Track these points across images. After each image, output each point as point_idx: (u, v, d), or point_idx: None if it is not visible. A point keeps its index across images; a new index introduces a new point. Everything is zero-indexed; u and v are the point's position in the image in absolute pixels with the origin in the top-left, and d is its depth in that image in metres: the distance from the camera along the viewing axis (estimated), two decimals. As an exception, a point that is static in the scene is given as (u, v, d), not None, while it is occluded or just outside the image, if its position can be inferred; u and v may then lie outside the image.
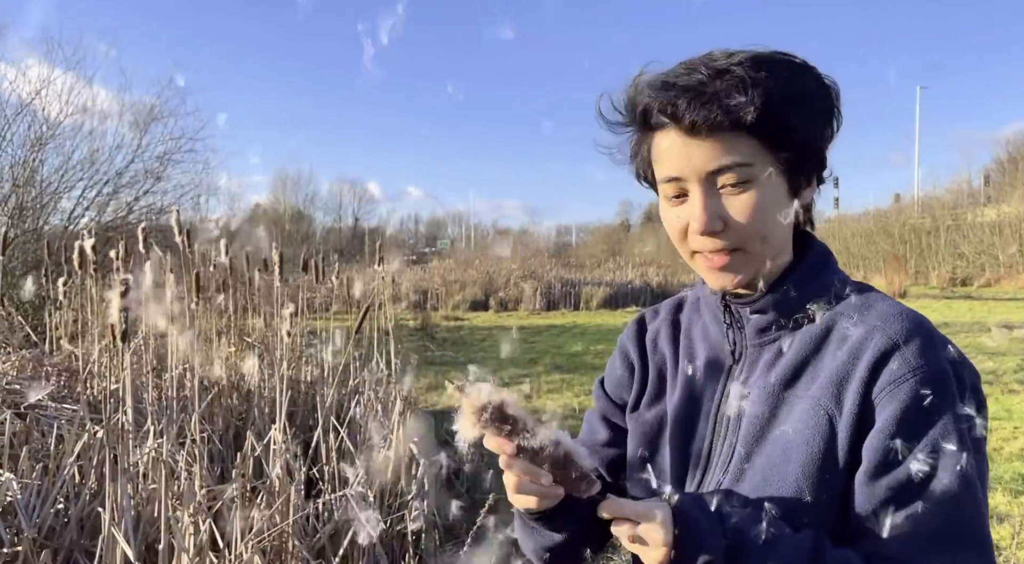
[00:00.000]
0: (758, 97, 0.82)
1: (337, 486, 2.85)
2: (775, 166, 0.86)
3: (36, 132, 9.59)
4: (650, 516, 0.77)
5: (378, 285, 5.02)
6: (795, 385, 0.89)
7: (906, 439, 0.81)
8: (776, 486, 0.86)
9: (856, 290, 0.92)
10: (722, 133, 0.84)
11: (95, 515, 2.35)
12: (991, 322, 12.05)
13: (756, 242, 0.88)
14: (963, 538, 0.80)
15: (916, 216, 27.52)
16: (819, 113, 0.88)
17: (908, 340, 0.84)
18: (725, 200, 0.87)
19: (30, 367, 4.07)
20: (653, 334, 1.09)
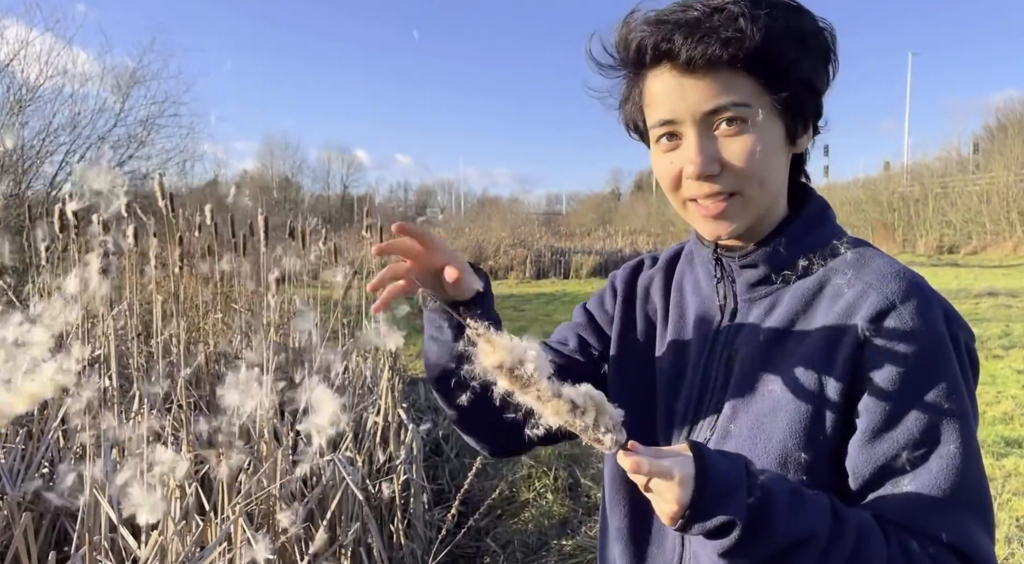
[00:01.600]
0: (756, 31, 0.79)
1: (325, 451, 2.85)
2: (773, 107, 0.83)
3: (15, 94, 9.39)
4: (671, 472, 0.72)
5: (367, 252, 4.98)
6: (785, 342, 0.87)
7: (904, 401, 0.79)
8: (763, 445, 0.84)
9: (852, 246, 0.89)
10: (719, 71, 0.81)
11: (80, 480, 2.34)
12: (976, 289, 12.15)
13: (754, 186, 0.84)
14: (967, 503, 0.78)
15: (905, 184, 27.57)
16: (817, 54, 0.85)
17: (905, 300, 0.81)
18: (721, 142, 0.83)
19: (13, 333, 4.02)
20: (647, 280, 1.06)
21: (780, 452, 0.83)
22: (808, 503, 0.75)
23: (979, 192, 23.97)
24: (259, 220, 3.81)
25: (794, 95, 0.83)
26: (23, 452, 2.35)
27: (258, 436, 2.52)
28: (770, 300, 0.90)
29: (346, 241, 17.43)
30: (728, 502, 0.71)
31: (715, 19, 0.80)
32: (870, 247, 0.90)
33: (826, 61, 0.86)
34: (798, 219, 0.90)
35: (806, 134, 0.89)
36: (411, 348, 7.89)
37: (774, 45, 0.80)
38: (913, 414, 0.79)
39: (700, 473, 0.72)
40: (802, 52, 0.82)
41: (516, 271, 18.22)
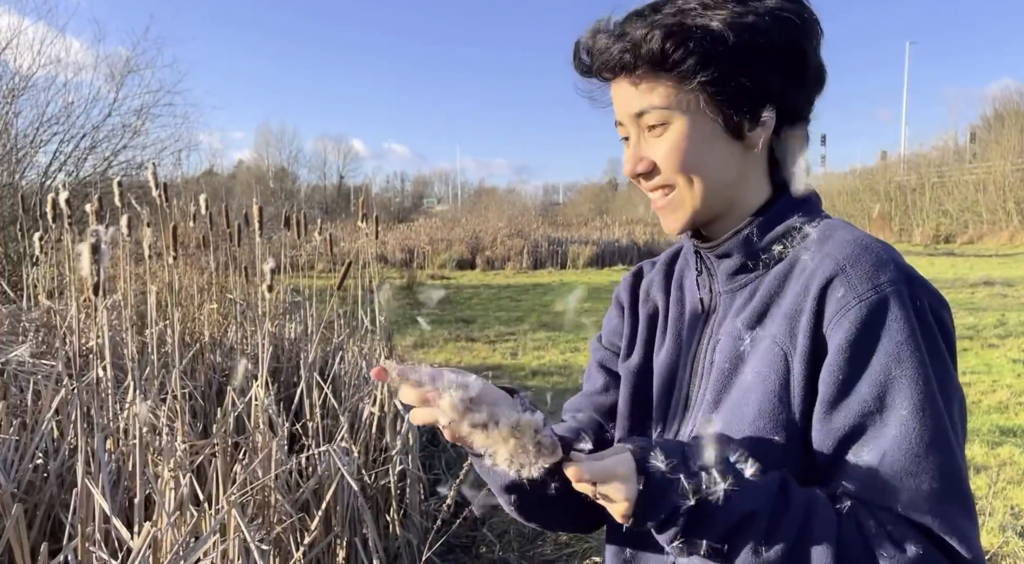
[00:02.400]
0: (660, 35, 0.82)
1: (321, 441, 2.84)
2: (697, 106, 0.85)
3: (8, 83, 9.31)
4: (613, 473, 0.74)
5: (363, 242, 4.96)
6: (759, 326, 0.87)
7: (856, 369, 0.77)
8: (737, 430, 0.83)
9: (821, 223, 0.89)
10: (636, 75, 0.86)
11: (74, 471, 2.33)
12: (972, 279, 12.17)
13: (683, 182, 0.88)
14: (925, 471, 0.75)
15: (902, 174, 27.57)
16: (747, 47, 0.83)
17: (855, 263, 0.80)
18: (650, 142, 0.88)
19: (7, 323, 4.01)
20: (647, 284, 1.08)
21: (753, 435, 0.82)
22: (748, 482, 0.75)
23: (976, 182, 23.98)
24: (254, 210, 3.79)
25: (712, 91, 0.84)
26: (17, 442, 2.34)
27: (253, 426, 2.51)
28: (750, 289, 0.91)
29: (342, 231, 17.42)
30: (669, 493, 0.73)
31: (627, 27, 0.85)
32: (839, 221, 0.90)
33: (773, 53, 0.84)
34: (775, 204, 0.91)
35: (759, 127, 0.87)
36: (407, 338, 7.89)
37: (677, 47, 0.82)
38: (865, 379, 0.77)
39: (640, 467, 0.74)
40: (716, 49, 0.82)
41: (513, 261, 18.20)
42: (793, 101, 0.88)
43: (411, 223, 27.46)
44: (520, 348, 7.47)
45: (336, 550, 2.47)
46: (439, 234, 20.56)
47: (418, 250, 18.90)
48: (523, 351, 7.32)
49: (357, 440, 3.06)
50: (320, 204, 40.03)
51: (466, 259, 18.53)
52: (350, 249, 12.49)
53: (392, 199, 55.10)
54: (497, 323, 9.04)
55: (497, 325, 8.86)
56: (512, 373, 6.32)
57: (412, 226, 25.08)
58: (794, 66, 0.86)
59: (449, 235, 20.20)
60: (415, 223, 27.03)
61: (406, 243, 19.58)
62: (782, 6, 0.85)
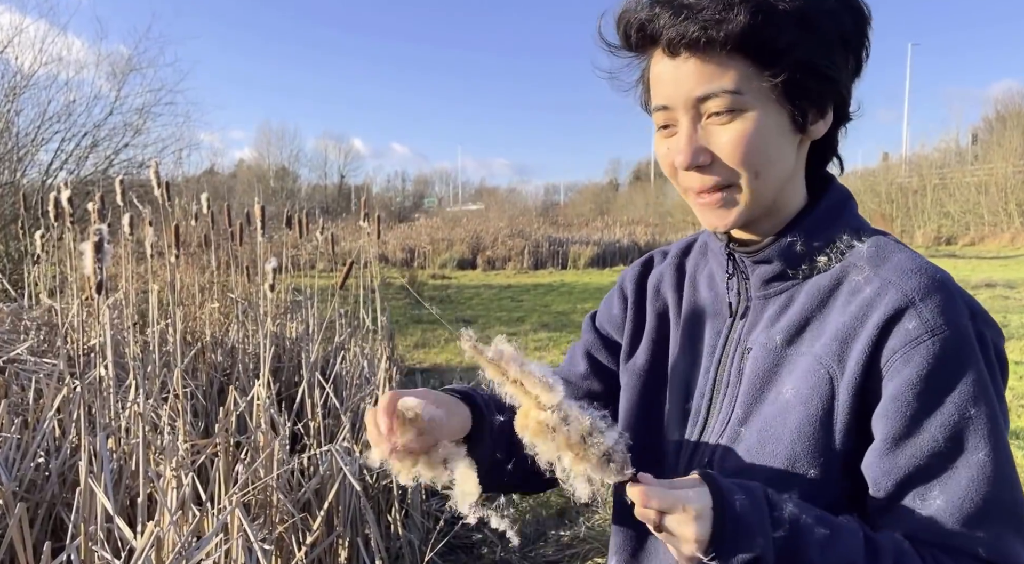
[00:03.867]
0: (746, 12, 0.74)
1: (322, 441, 2.84)
2: (770, 92, 0.78)
3: (9, 82, 9.31)
4: (685, 507, 0.66)
5: (364, 242, 4.96)
6: (799, 341, 0.83)
7: (927, 407, 0.74)
8: (771, 449, 0.80)
9: (872, 239, 0.84)
10: (709, 55, 0.77)
11: (76, 469, 2.33)
12: (974, 281, 12.16)
13: (749, 177, 0.80)
14: (1000, 514, 0.73)
15: (904, 175, 27.55)
16: (829, 35, 0.78)
17: (926, 297, 0.76)
18: (713, 131, 0.79)
19: (9, 321, 4.00)
20: (657, 278, 1.02)
21: (788, 457, 0.79)
22: (841, 532, 0.71)
23: (977, 183, 23.95)
24: (256, 209, 3.78)
25: (793, 79, 0.77)
26: (19, 441, 2.33)
27: (255, 426, 2.51)
28: (785, 297, 0.86)
29: (343, 230, 17.41)
30: (753, 538, 0.67)
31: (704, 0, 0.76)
32: (891, 240, 0.85)
33: (845, 43, 0.80)
34: (815, 211, 0.86)
35: (822, 120, 0.83)
36: (408, 338, 7.88)
37: (766, 26, 0.75)
38: (936, 419, 0.73)
39: (718, 505, 0.67)
40: (804, 33, 0.77)
41: (514, 261, 18.19)
42: (848, 94, 0.84)
43: (412, 223, 27.46)
44: (521, 349, 7.46)
45: (338, 550, 2.46)
46: (440, 234, 20.56)
47: (419, 250, 18.89)
48: (524, 352, 7.31)
49: (359, 440, 3.05)
50: (321, 203, 40.03)
51: (467, 259, 18.52)
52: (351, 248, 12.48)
53: (393, 198, 55.12)
54: (498, 323, 9.03)
55: (498, 325, 8.85)
56: (513, 373, 6.32)
57: (413, 226, 25.08)
58: (858, 58, 0.82)
59: (450, 235, 20.19)
60: (416, 223, 27.04)
61: (407, 243, 19.58)
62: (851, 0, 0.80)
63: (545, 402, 0.70)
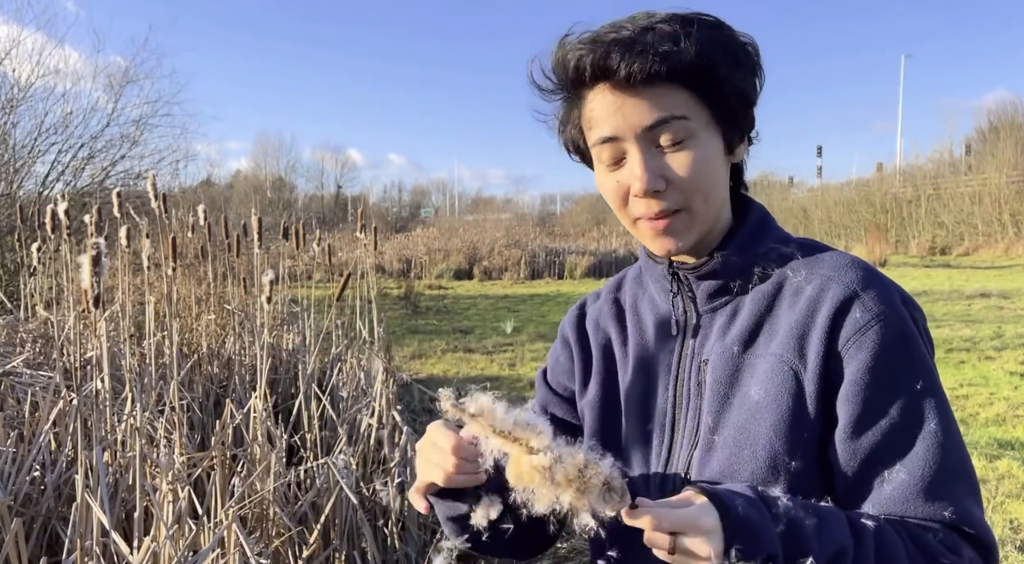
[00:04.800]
0: (691, 46, 0.81)
1: (319, 454, 2.84)
2: (711, 119, 0.85)
3: (6, 94, 9.32)
4: (697, 525, 0.67)
5: (361, 253, 4.96)
6: (754, 345, 0.87)
7: (882, 387, 0.80)
8: (749, 451, 0.83)
9: (800, 245, 0.92)
10: (656, 86, 0.82)
11: (72, 483, 2.32)
12: (968, 290, 12.20)
13: (699, 200, 0.86)
14: (956, 477, 0.79)
15: (898, 185, 27.67)
16: (747, 67, 0.87)
17: (866, 287, 0.84)
18: (664, 158, 0.84)
19: (4, 334, 4.00)
20: (594, 316, 1.06)
21: (768, 456, 0.82)
22: (828, 518, 0.75)
23: (971, 194, 24.06)
24: (253, 221, 3.79)
25: (730, 107, 0.85)
26: (14, 455, 2.33)
27: (251, 438, 2.50)
28: (731, 307, 0.91)
29: (340, 241, 17.41)
30: (762, 540, 0.69)
31: (648, 37, 0.81)
32: (816, 243, 0.93)
33: (754, 74, 0.88)
34: (745, 226, 0.92)
35: (742, 144, 0.91)
36: (405, 349, 7.88)
37: (708, 59, 0.82)
38: (891, 399, 0.80)
39: (725, 517, 0.68)
40: (734, 65, 0.84)
41: (510, 272, 18.20)
42: (754, 120, 0.92)
43: (408, 233, 27.47)
44: (518, 359, 7.45)
45: (334, 563, 2.45)
46: (436, 244, 20.57)
47: (415, 260, 18.89)
48: (521, 362, 7.31)
49: (355, 452, 3.05)
50: (318, 214, 40.05)
51: (463, 269, 18.53)
52: (348, 259, 12.47)
53: (389, 209, 55.15)
54: (495, 333, 9.03)
55: (495, 336, 8.85)
56: (510, 384, 6.31)
57: (410, 236, 25.09)
58: (757, 87, 0.90)
59: (447, 245, 20.20)
60: (412, 233, 27.06)
61: (404, 253, 19.58)
62: (741, 31, 0.89)
63: (536, 445, 0.70)
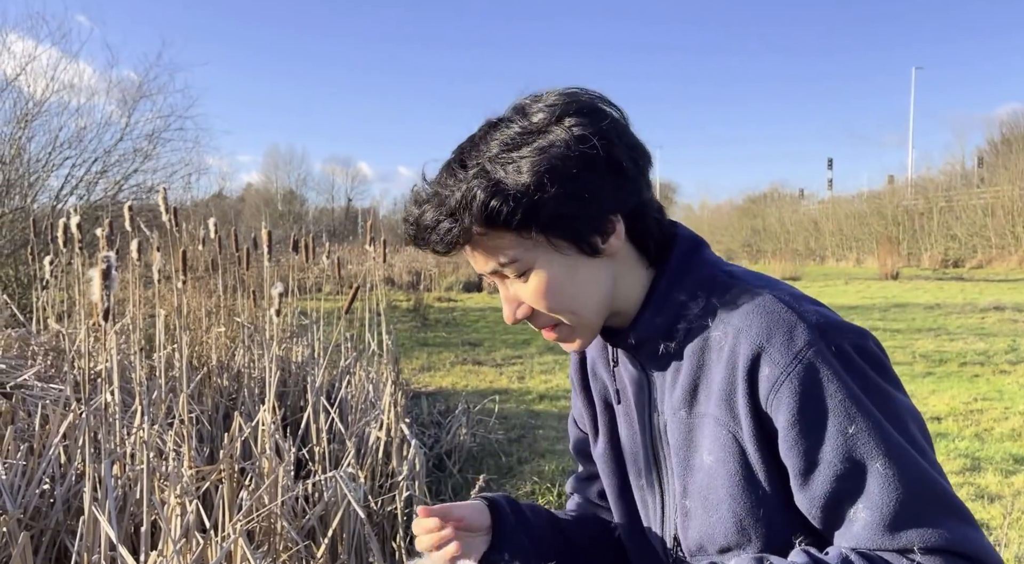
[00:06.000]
0: (479, 202, 0.81)
1: (327, 467, 2.83)
2: (545, 245, 0.85)
3: (22, 109, 9.44)
4: None
5: (370, 265, 4.97)
6: (696, 403, 0.89)
7: (813, 439, 0.79)
8: (717, 516, 0.85)
9: (722, 286, 0.89)
10: (472, 245, 0.86)
11: (81, 496, 2.32)
12: (982, 303, 12.09)
13: (567, 316, 0.88)
14: (927, 505, 0.77)
15: (909, 198, 27.54)
16: (565, 177, 0.82)
17: (770, 338, 0.81)
18: (518, 288, 0.89)
19: (16, 347, 4.02)
20: (591, 363, 1.08)
21: (734, 520, 0.84)
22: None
23: (984, 206, 23.91)
24: (263, 234, 3.81)
25: (553, 228, 0.84)
26: (24, 468, 2.33)
27: (259, 451, 2.50)
28: (673, 367, 0.92)
29: (350, 254, 17.47)
30: None
31: (446, 203, 0.84)
32: (733, 281, 0.89)
33: (590, 167, 0.84)
34: (663, 279, 0.91)
35: (612, 235, 0.88)
36: (414, 362, 7.87)
37: (502, 205, 0.81)
38: (826, 447, 0.79)
39: None
40: (538, 195, 0.82)
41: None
42: (628, 195, 0.87)
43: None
44: (527, 372, 7.43)
45: (342, 578, 2.44)
46: (446, 257, 20.58)
47: (425, 273, 18.93)
48: (530, 375, 7.29)
49: (363, 465, 3.04)
50: (328, 227, 40.24)
51: (473, 282, 18.54)
52: (357, 272, 12.50)
53: (400, 222, 55.29)
54: (504, 346, 9.01)
55: (504, 348, 8.83)
56: (519, 397, 6.29)
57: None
58: (616, 170, 0.85)
59: (456, 258, 20.20)
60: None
61: (413, 266, 19.62)
62: (577, 122, 0.84)
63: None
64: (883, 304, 12.68)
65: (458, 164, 0.85)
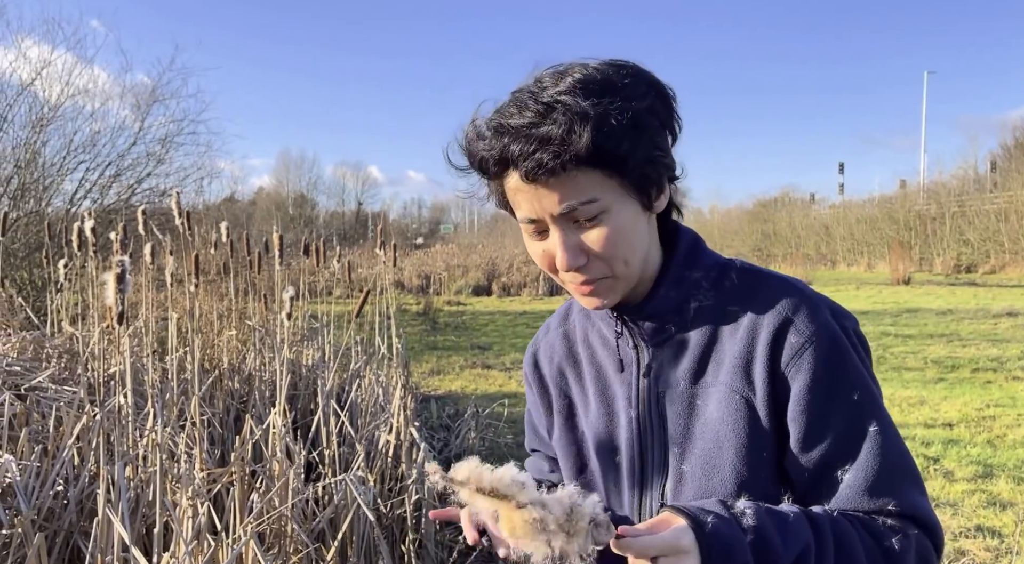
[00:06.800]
0: (587, 134, 0.81)
1: (337, 470, 2.84)
2: (621, 190, 0.87)
3: (37, 113, 9.54)
4: (676, 547, 0.73)
5: (380, 269, 4.99)
6: (704, 375, 0.93)
7: (824, 403, 0.87)
8: (718, 478, 0.90)
9: (733, 270, 0.96)
10: (562, 174, 0.84)
11: (94, 497, 2.35)
12: (995, 309, 12.00)
13: (620, 266, 0.90)
14: (897, 472, 0.87)
15: (921, 202, 27.37)
16: (654, 127, 0.87)
17: (796, 311, 0.90)
18: (583, 234, 0.88)
19: (31, 349, 4.06)
20: (547, 352, 1.11)
21: (736, 481, 0.89)
22: (790, 520, 0.81)
23: (997, 211, 23.72)
24: (274, 238, 3.83)
25: (639, 175, 0.87)
26: (38, 469, 2.36)
27: (270, 454, 2.52)
28: (677, 340, 0.96)
29: (360, 257, 17.54)
30: (735, 553, 0.75)
31: (546, 123, 0.82)
32: (747, 267, 0.98)
33: (665, 126, 0.90)
34: (675, 259, 0.96)
35: (663, 194, 0.93)
36: (424, 366, 7.89)
37: (607, 140, 0.82)
38: (832, 412, 0.87)
39: (700, 536, 0.74)
40: (637, 136, 0.85)
41: (529, 288, 18.20)
42: (674, 163, 0.93)
43: (428, 249, 27.61)
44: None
45: (351, 581, 2.45)
46: (455, 260, 20.63)
47: (435, 276, 18.97)
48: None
49: (373, 469, 3.05)
50: (339, 230, 40.39)
51: (482, 285, 18.56)
52: (368, 275, 12.53)
53: (409, 225, 55.51)
54: (513, 350, 9.02)
55: (513, 352, 8.84)
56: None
57: (429, 252, 25.20)
58: (674, 138, 0.92)
59: (465, 261, 20.25)
60: (432, 249, 27.18)
61: (423, 269, 19.67)
62: (654, 80, 0.89)
63: (523, 500, 0.73)
64: (895, 309, 12.61)
65: (548, 99, 0.84)
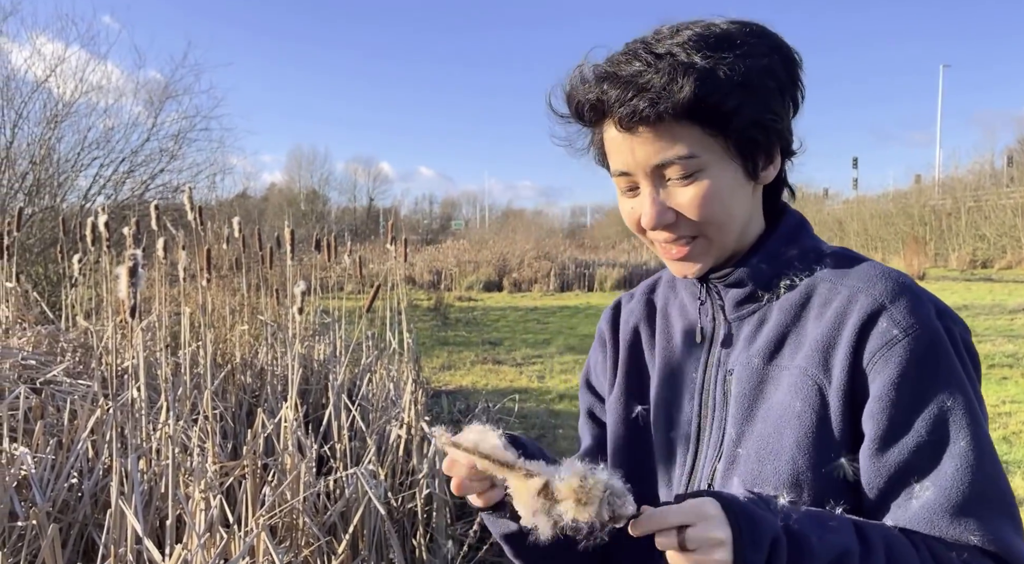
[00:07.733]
0: (689, 85, 0.77)
1: (348, 464, 2.85)
2: (722, 152, 0.83)
3: (51, 110, 9.61)
4: (702, 513, 0.67)
5: (391, 264, 5.00)
6: (779, 356, 0.86)
7: (909, 403, 0.77)
8: (772, 466, 0.82)
9: (832, 254, 0.89)
10: (660, 124, 0.81)
11: (108, 490, 2.37)
12: (1011, 305, 11.87)
13: (712, 230, 0.85)
14: (987, 500, 0.75)
15: (937, 197, 27.10)
16: (768, 90, 0.82)
17: (895, 299, 0.80)
18: (674, 192, 0.84)
19: (46, 343, 4.10)
20: (628, 315, 1.06)
21: (791, 472, 0.80)
22: (829, 520, 0.74)
23: (1013, 206, 23.45)
24: (286, 233, 3.85)
25: (742, 137, 0.82)
26: (53, 462, 2.38)
27: (282, 448, 2.53)
28: (758, 316, 0.90)
29: (371, 253, 17.59)
30: (764, 524, 0.69)
31: (651, 73, 0.79)
32: (850, 253, 0.90)
33: (782, 92, 0.84)
34: (775, 235, 0.90)
35: (771, 164, 0.88)
36: (434, 360, 7.90)
37: (711, 94, 0.78)
38: (918, 415, 0.77)
39: (726, 506, 0.69)
40: (747, 95, 0.80)
41: (540, 284, 18.19)
42: (790, 134, 0.89)
43: (439, 245, 27.66)
44: (547, 371, 7.43)
45: (362, 574, 2.46)
46: (466, 256, 20.64)
47: (446, 272, 18.99)
48: (550, 374, 7.29)
49: (384, 463, 3.06)
50: (350, 226, 40.53)
51: (493, 281, 18.56)
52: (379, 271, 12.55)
53: (420, 221, 55.63)
54: (524, 345, 9.02)
55: (524, 348, 8.84)
56: (539, 396, 6.29)
57: (440, 247, 25.24)
58: (794, 107, 0.87)
59: (476, 257, 20.26)
60: (443, 244, 27.23)
61: (434, 265, 19.69)
62: (780, 42, 0.85)
63: (534, 469, 0.70)
64: (909, 305, 12.48)
65: (661, 50, 0.80)
